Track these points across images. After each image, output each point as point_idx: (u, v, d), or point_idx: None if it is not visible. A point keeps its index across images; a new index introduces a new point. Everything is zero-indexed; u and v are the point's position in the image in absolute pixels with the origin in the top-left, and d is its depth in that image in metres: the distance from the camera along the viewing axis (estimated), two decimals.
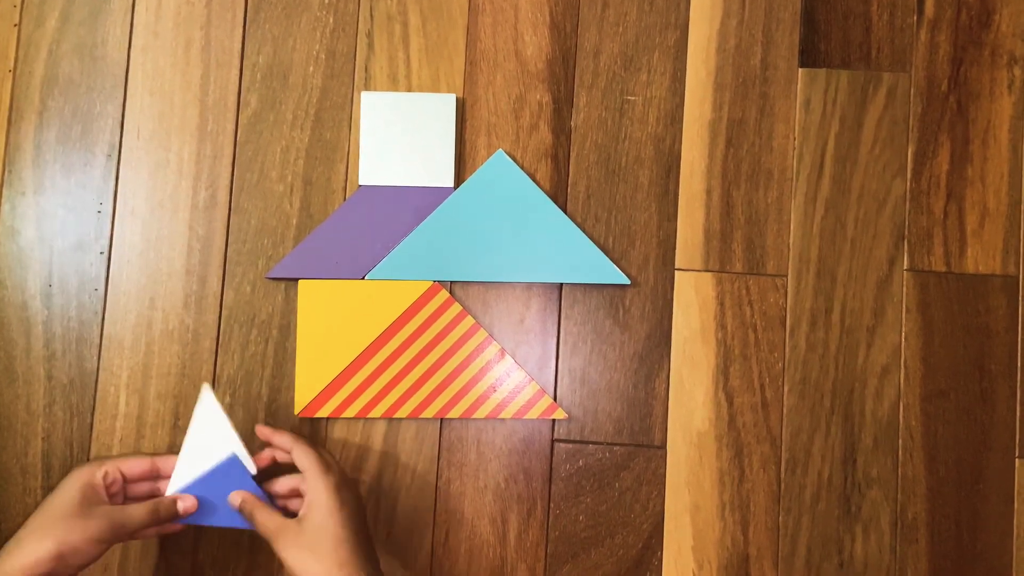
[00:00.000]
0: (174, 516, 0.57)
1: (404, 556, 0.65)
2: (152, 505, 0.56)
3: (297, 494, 0.59)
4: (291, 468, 0.59)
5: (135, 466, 0.57)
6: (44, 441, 0.66)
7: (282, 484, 0.59)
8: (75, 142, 0.69)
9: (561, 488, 0.66)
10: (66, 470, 0.66)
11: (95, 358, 0.67)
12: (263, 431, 0.61)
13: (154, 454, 0.60)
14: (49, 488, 0.66)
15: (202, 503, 0.58)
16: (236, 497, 0.58)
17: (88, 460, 0.60)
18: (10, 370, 0.67)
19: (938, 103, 0.68)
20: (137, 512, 0.55)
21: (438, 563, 0.65)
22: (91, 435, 0.66)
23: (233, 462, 0.59)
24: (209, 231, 0.68)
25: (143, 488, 0.59)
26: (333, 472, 0.57)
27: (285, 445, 0.59)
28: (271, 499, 0.59)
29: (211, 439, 0.59)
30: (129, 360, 0.67)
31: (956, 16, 0.69)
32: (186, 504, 0.57)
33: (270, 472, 0.60)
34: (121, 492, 0.57)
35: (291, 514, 0.57)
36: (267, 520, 0.56)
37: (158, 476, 0.59)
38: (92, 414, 0.67)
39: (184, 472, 0.58)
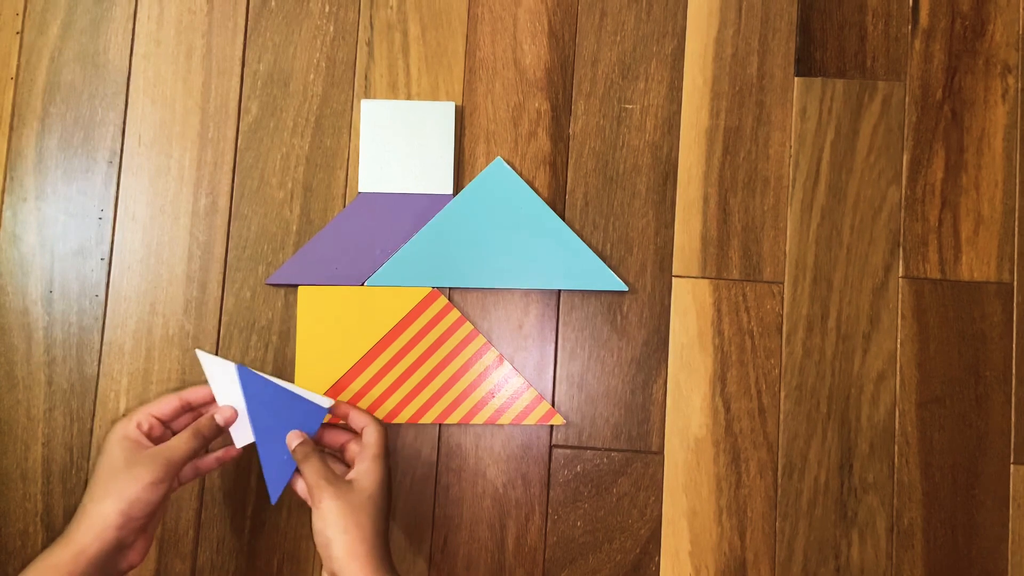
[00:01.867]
0: (216, 431, 0.57)
1: (402, 561, 0.66)
2: (192, 428, 0.56)
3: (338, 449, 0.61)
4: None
5: (165, 406, 0.57)
6: (44, 446, 0.66)
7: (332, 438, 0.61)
8: (76, 149, 0.69)
9: (559, 493, 0.66)
10: (66, 475, 0.66)
11: (95, 363, 0.67)
12: (341, 407, 0.61)
13: (181, 389, 0.60)
14: (49, 493, 0.66)
15: (263, 430, 0.58)
16: (294, 438, 0.57)
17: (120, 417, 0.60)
18: (11, 375, 0.67)
19: (933, 111, 0.69)
20: (180, 440, 0.55)
21: (436, 568, 0.66)
22: (91, 440, 0.67)
23: (307, 403, 0.59)
24: (209, 237, 0.68)
25: (184, 423, 0.59)
26: (388, 460, 0.57)
27: (358, 423, 0.59)
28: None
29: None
30: (129, 365, 0.67)
31: (950, 25, 0.70)
32: (224, 415, 0.57)
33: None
34: (165, 434, 0.58)
35: None
36: (319, 469, 0.55)
37: (192, 408, 0.59)
38: (92, 419, 0.67)
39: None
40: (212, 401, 0.60)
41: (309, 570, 0.66)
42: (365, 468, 0.56)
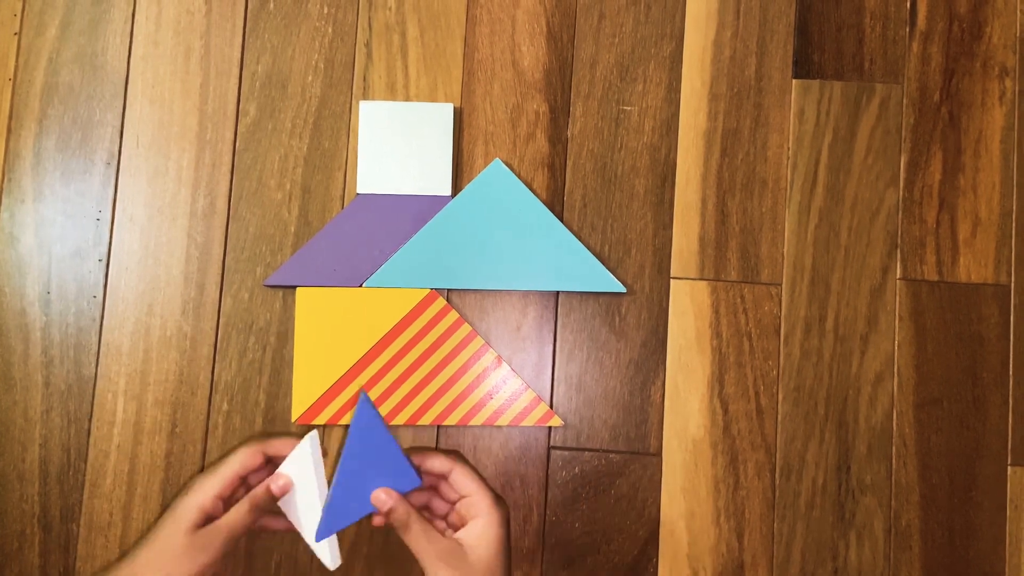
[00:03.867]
0: (271, 501, 0.53)
1: (401, 563, 0.66)
2: (248, 501, 0.52)
3: (423, 504, 0.55)
4: None
5: (247, 463, 0.53)
6: (42, 447, 0.66)
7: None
8: (74, 150, 0.69)
9: (557, 495, 0.66)
10: (63, 477, 0.66)
11: (93, 365, 0.67)
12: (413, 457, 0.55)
13: (264, 438, 0.54)
14: (46, 494, 0.66)
15: (348, 466, 0.52)
16: (387, 498, 0.51)
17: (203, 474, 0.53)
18: (8, 376, 0.67)
19: (930, 114, 0.69)
20: (238, 513, 0.51)
21: None
22: (88, 441, 0.67)
23: (398, 459, 0.53)
24: (207, 238, 0.68)
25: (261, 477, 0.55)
26: (503, 505, 0.52)
27: (440, 468, 0.53)
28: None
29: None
30: (127, 367, 0.67)
31: (948, 28, 0.70)
32: (279, 484, 0.53)
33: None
34: (243, 490, 0.54)
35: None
36: (429, 538, 0.50)
37: (273, 461, 0.55)
38: (90, 420, 0.67)
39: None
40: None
41: (307, 572, 0.66)
42: (480, 530, 0.50)
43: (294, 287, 0.67)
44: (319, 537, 0.53)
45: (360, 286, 0.66)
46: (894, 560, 0.65)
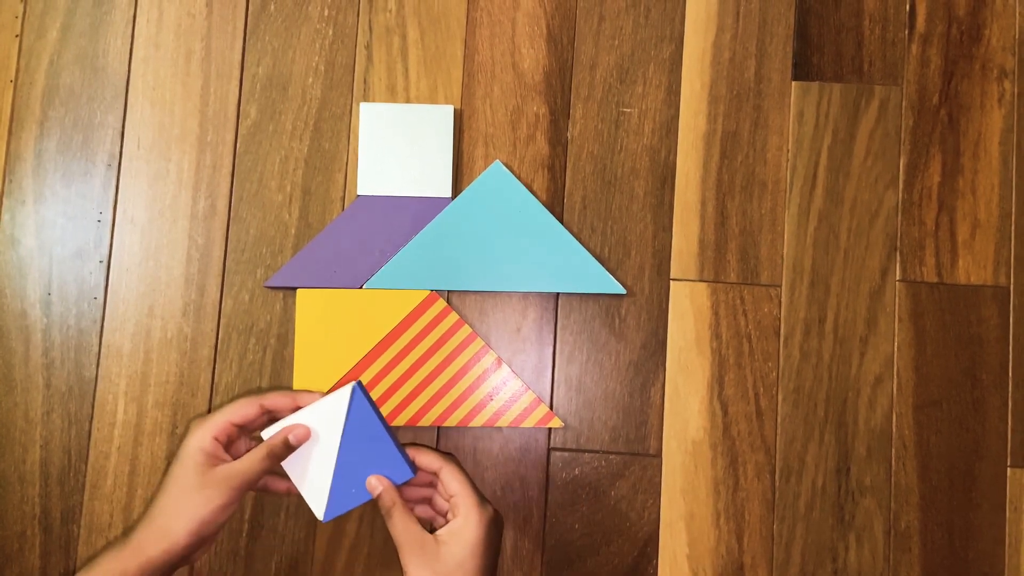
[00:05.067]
0: (288, 451, 0.55)
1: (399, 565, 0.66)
2: (266, 447, 0.54)
3: (425, 499, 0.59)
4: None
5: (245, 413, 0.56)
6: (42, 449, 0.66)
7: (417, 491, 0.59)
8: (75, 152, 0.69)
9: (557, 496, 0.66)
10: (64, 478, 0.66)
11: (94, 366, 0.67)
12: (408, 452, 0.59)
13: (261, 392, 0.59)
14: (47, 496, 0.66)
15: (347, 453, 0.56)
16: (377, 484, 0.55)
17: (200, 416, 0.57)
18: (9, 378, 0.67)
19: (929, 116, 0.69)
20: (253, 460, 0.54)
21: None
22: (89, 443, 0.67)
23: (391, 452, 0.56)
24: (208, 240, 0.68)
25: (261, 425, 0.58)
26: (488, 508, 0.55)
27: (431, 466, 0.57)
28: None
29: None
30: (128, 368, 0.67)
31: (947, 30, 0.70)
32: (297, 434, 0.55)
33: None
34: (243, 439, 0.57)
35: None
36: (405, 527, 0.53)
37: (270, 414, 0.57)
38: (90, 422, 0.67)
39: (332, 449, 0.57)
40: (290, 408, 0.58)
41: (308, 573, 0.66)
42: (460, 527, 0.53)
43: (294, 289, 0.67)
44: (327, 518, 0.57)
45: (360, 288, 0.67)
46: (894, 562, 0.65)
